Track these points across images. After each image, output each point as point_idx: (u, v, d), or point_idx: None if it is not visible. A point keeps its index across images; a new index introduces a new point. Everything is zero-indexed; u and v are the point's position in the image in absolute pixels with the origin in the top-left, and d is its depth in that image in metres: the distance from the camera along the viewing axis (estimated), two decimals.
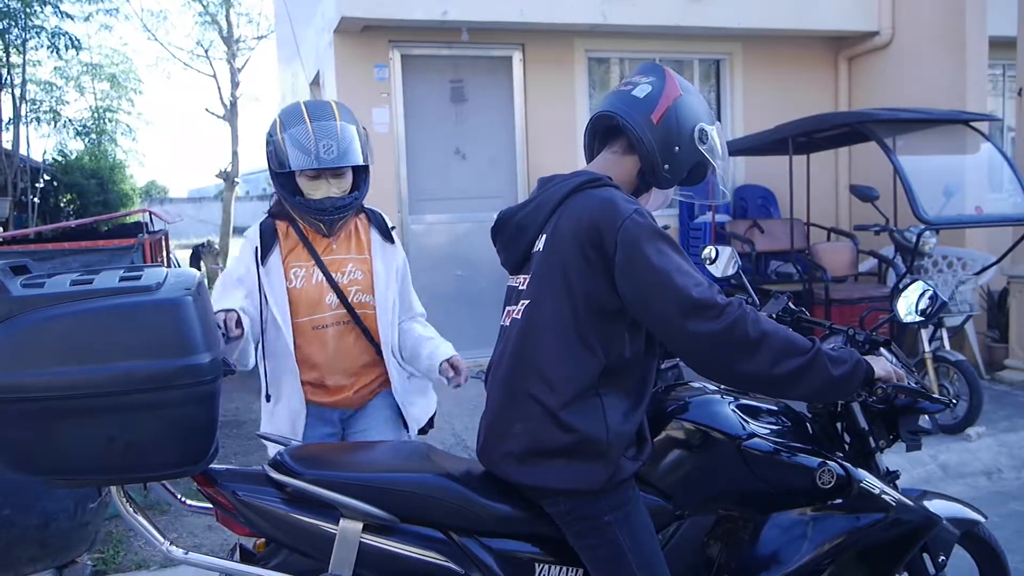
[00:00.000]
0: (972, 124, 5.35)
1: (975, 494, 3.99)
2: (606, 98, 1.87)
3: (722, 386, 2.01)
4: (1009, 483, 4.24)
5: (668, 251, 1.62)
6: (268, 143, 2.23)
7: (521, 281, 1.80)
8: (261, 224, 2.35)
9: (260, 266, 2.26)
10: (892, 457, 3.93)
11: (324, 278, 2.29)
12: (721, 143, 1.85)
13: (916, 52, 6.57)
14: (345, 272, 2.33)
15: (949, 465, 4.31)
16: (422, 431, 2.49)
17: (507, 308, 1.82)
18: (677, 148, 1.76)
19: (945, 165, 5.84)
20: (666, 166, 1.77)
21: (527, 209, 1.81)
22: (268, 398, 2.32)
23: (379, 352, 2.35)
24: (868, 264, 6.35)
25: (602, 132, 1.88)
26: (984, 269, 5.18)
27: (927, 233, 4.78)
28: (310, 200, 2.21)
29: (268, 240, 2.31)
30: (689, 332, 1.59)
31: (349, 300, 2.31)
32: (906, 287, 2.04)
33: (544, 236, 1.74)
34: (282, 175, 2.21)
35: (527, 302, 1.73)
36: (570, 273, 1.66)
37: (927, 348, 4.60)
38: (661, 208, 1.91)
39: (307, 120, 2.18)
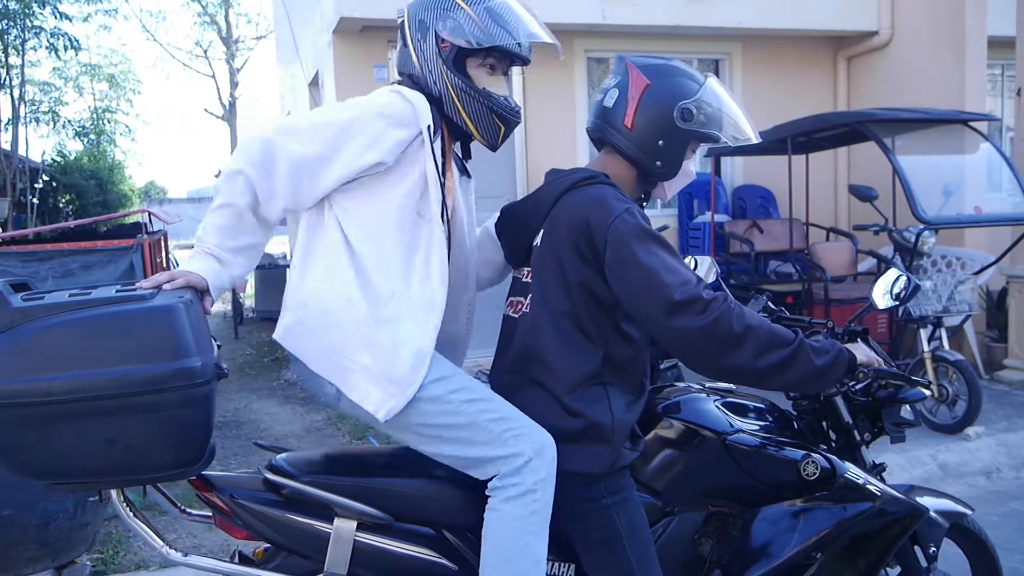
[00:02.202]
0: (971, 124, 5.35)
1: (974, 493, 4.00)
2: (590, 109, 1.92)
3: (707, 384, 2.05)
4: (1008, 483, 4.24)
5: (656, 249, 1.66)
6: (445, 18, 1.75)
7: (525, 273, 1.85)
8: (427, 97, 1.76)
9: (437, 161, 1.72)
10: (892, 457, 3.96)
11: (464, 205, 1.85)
12: (717, 98, 1.81)
13: (915, 52, 6.58)
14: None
15: (948, 465, 4.31)
16: None
17: (512, 298, 1.88)
18: (662, 142, 1.77)
19: (944, 165, 5.84)
20: (657, 163, 1.79)
21: (528, 204, 1.87)
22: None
23: None
24: (867, 264, 6.35)
25: (597, 142, 1.93)
26: (983, 269, 5.19)
27: (926, 233, 4.78)
28: (495, 94, 1.80)
29: (434, 128, 1.75)
30: (676, 328, 1.63)
31: None
32: (879, 277, 2.07)
33: (542, 231, 1.79)
34: (457, 62, 1.77)
35: (532, 296, 1.79)
36: (566, 268, 1.71)
37: (926, 348, 4.61)
38: (687, 183, 1.90)
39: None
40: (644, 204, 1.93)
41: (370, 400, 1.63)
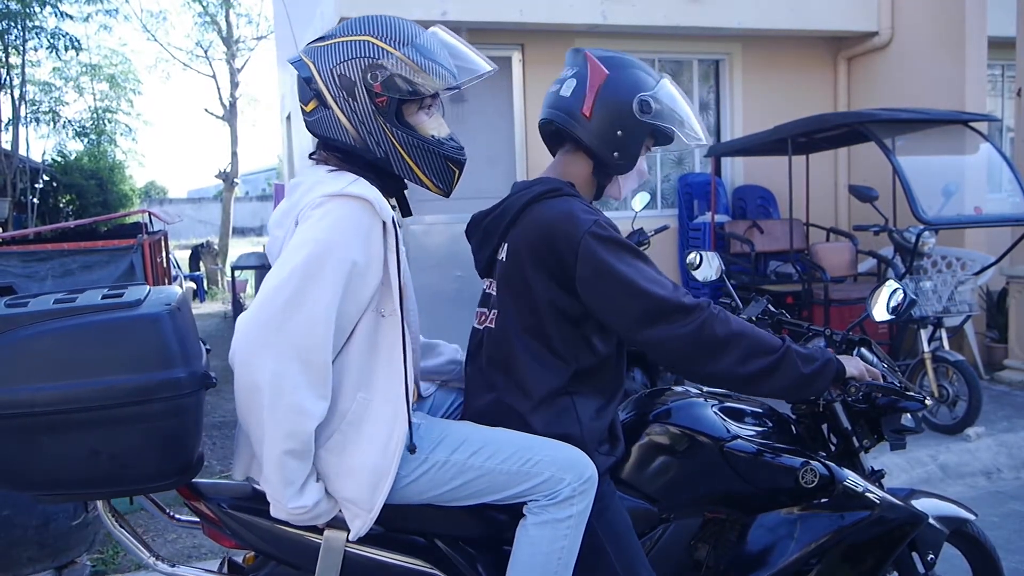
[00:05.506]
0: (971, 124, 5.35)
1: (974, 494, 4.00)
2: (543, 101, 1.86)
3: (705, 388, 2.04)
4: (1008, 483, 4.24)
5: (630, 259, 1.64)
6: (374, 68, 1.55)
7: (489, 285, 1.82)
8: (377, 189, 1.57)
9: (400, 250, 1.58)
10: (892, 458, 3.95)
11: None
12: (673, 96, 1.77)
13: (915, 52, 6.58)
14: None
15: (948, 465, 4.31)
16: None
17: (479, 310, 1.85)
18: (620, 132, 1.73)
19: (944, 165, 5.84)
20: (615, 154, 1.75)
21: (493, 215, 1.83)
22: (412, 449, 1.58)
23: None
24: (867, 264, 6.35)
25: (550, 136, 1.88)
26: (983, 269, 5.18)
27: (926, 233, 4.78)
28: (443, 139, 1.66)
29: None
30: (657, 337, 1.61)
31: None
32: (877, 288, 2.07)
33: (506, 245, 1.75)
34: (397, 114, 1.60)
35: (496, 311, 1.76)
36: (532, 284, 1.67)
37: (926, 348, 4.60)
38: (640, 182, 1.87)
39: (421, 30, 1.63)
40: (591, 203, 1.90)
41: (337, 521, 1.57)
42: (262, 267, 8.15)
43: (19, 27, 12.81)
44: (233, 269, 10.11)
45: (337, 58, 1.58)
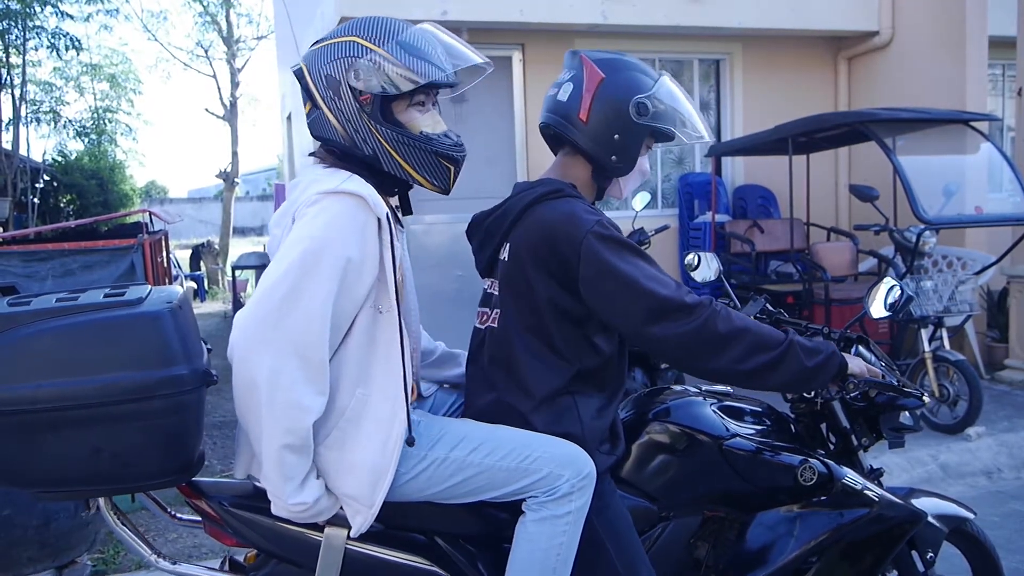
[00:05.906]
0: (972, 124, 5.34)
1: (975, 494, 3.99)
2: (543, 104, 1.86)
3: (704, 387, 2.05)
4: (1009, 483, 4.24)
5: (632, 258, 1.64)
6: (356, 67, 1.56)
7: (490, 284, 1.83)
8: (371, 186, 1.57)
9: (395, 247, 1.58)
10: (893, 457, 3.95)
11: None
12: (672, 95, 1.77)
13: (916, 52, 6.57)
14: None
15: (949, 465, 4.31)
16: None
17: (481, 310, 1.85)
18: (617, 136, 1.73)
19: (945, 165, 5.84)
20: (613, 157, 1.75)
21: (495, 215, 1.83)
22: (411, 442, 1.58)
23: None
24: (868, 264, 6.35)
25: (550, 138, 1.89)
26: (984, 269, 5.18)
27: (927, 233, 4.77)
28: (434, 135, 1.64)
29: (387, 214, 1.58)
30: (661, 335, 1.62)
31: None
32: (875, 286, 2.07)
33: (508, 246, 1.76)
34: (383, 111, 1.60)
35: (498, 311, 1.76)
36: (534, 284, 1.68)
37: (927, 348, 4.60)
38: (641, 181, 1.88)
39: (407, 26, 1.61)
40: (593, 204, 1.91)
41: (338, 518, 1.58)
42: (262, 267, 8.14)
43: (20, 27, 12.83)
44: (234, 269, 10.12)
45: (325, 59, 1.60)
